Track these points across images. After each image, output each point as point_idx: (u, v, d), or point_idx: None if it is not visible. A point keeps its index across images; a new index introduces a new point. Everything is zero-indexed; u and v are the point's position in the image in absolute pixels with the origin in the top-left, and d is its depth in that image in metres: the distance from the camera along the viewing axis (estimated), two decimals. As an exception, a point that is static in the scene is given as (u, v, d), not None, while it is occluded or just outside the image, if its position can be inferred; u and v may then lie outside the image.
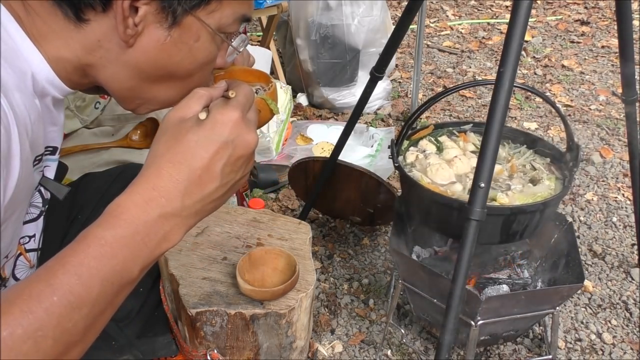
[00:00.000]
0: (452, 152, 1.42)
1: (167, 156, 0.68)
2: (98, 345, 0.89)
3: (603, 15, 3.68)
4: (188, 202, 0.68)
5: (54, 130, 0.85)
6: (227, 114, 0.69)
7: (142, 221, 0.65)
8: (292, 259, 1.19)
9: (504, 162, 1.41)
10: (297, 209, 1.99)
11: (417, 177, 1.35)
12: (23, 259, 0.93)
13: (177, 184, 0.67)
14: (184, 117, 0.70)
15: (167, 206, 0.66)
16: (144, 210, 0.65)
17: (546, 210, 1.25)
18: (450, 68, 3.04)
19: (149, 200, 0.66)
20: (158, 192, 0.66)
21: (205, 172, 0.68)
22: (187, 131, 0.68)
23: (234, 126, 0.69)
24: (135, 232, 0.65)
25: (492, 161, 1.01)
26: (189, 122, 0.69)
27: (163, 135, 0.70)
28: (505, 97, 1.00)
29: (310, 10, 2.40)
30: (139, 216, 0.65)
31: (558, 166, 1.38)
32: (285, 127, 2.31)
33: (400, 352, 1.48)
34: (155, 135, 0.72)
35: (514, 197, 1.29)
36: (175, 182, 0.67)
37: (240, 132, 0.70)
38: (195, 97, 0.72)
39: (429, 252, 1.57)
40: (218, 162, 0.69)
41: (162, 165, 0.67)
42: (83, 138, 2.06)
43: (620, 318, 1.57)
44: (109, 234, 0.64)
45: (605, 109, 2.61)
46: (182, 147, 0.68)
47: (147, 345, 1.21)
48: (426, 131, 1.49)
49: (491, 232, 1.25)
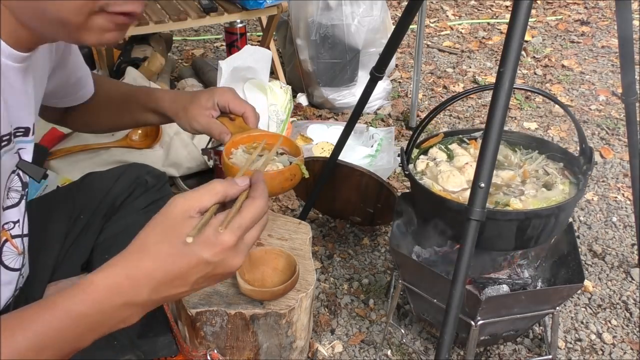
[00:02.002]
0: (463, 159, 1.41)
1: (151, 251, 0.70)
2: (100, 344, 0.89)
3: (603, 15, 3.68)
4: (154, 297, 0.71)
5: (20, 108, 0.84)
6: (221, 238, 0.69)
7: (108, 306, 0.69)
8: (292, 259, 1.19)
9: (516, 168, 1.40)
10: (297, 209, 1.99)
11: (428, 184, 1.34)
12: (10, 245, 0.93)
13: (149, 281, 0.70)
14: (189, 212, 0.70)
15: (134, 297, 0.70)
16: (112, 296, 0.69)
17: (561, 214, 1.24)
18: (450, 68, 3.04)
19: (120, 286, 0.69)
20: (130, 282, 0.69)
21: (178, 279, 0.70)
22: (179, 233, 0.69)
23: (222, 251, 0.70)
24: (99, 313, 0.69)
25: (492, 161, 1.01)
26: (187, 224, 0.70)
27: (160, 222, 0.71)
28: (505, 98, 1.00)
29: (310, 10, 2.40)
30: (106, 301, 0.69)
31: (571, 170, 1.37)
32: (285, 127, 2.31)
33: (400, 352, 1.48)
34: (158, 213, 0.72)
35: (528, 202, 1.28)
36: (149, 279, 0.70)
37: (225, 257, 0.71)
38: (211, 192, 0.72)
39: (429, 252, 1.57)
40: (194, 274, 0.71)
41: (143, 257, 0.70)
42: (83, 138, 2.06)
43: (620, 318, 1.57)
44: (74, 310, 0.68)
45: (605, 109, 2.61)
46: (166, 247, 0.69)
47: (148, 345, 1.21)
48: (436, 139, 1.49)
49: (506, 238, 1.24)
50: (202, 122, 1.14)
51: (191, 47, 3.32)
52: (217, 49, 3.30)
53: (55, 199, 1.26)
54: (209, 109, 1.14)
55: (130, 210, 1.25)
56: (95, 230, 1.22)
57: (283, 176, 1.06)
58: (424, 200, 1.35)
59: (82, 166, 1.95)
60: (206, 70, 2.55)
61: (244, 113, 1.15)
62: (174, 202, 0.71)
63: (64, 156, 2.01)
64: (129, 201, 1.26)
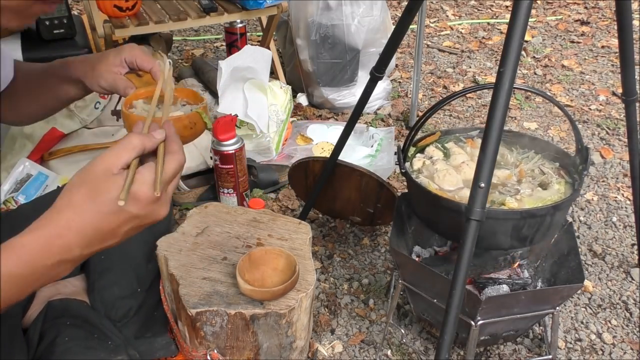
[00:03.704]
0: (460, 158, 1.41)
1: (80, 210, 0.71)
2: (93, 345, 0.90)
3: (603, 15, 3.68)
4: (86, 252, 0.73)
5: None
6: (146, 192, 0.72)
7: (41, 265, 0.71)
8: (292, 259, 1.19)
9: (512, 168, 1.40)
10: (297, 209, 1.99)
11: (424, 183, 1.34)
12: None
13: (80, 238, 0.72)
14: (111, 170, 0.72)
15: (66, 255, 0.72)
16: (44, 255, 0.71)
17: (556, 213, 1.24)
18: (450, 68, 3.04)
19: (51, 246, 0.71)
20: (61, 242, 0.71)
21: (109, 233, 0.73)
22: (106, 192, 0.71)
23: (148, 204, 0.73)
24: (32, 273, 0.71)
25: (492, 161, 1.01)
26: (111, 181, 0.72)
27: (85, 181, 0.73)
28: (505, 98, 1.00)
29: (310, 10, 2.40)
30: (39, 261, 0.71)
31: (567, 170, 1.38)
32: (285, 127, 2.31)
33: (400, 352, 1.48)
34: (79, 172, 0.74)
35: (524, 202, 1.28)
36: (81, 236, 0.72)
37: (153, 209, 0.74)
38: (128, 147, 0.74)
39: (429, 252, 1.57)
40: (124, 227, 0.74)
41: (73, 217, 0.71)
42: (83, 138, 2.06)
43: (620, 318, 1.57)
44: (8, 272, 0.69)
45: (605, 109, 2.61)
46: (95, 206, 0.71)
47: (146, 345, 1.21)
48: (433, 138, 1.49)
49: (501, 237, 1.24)
50: (109, 78, 1.12)
51: (191, 47, 3.32)
52: (217, 49, 3.30)
53: (53, 199, 1.26)
54: (117, 65, 1.12)
55: None
56: None
57: (181, 123, 0.99)
58: (421, 198, 1.36)
59: (82, 166, 1.95)
60: (206, 70, 2.54)
61: (151, 69, 1.12)
62: (95, 161, 0.74)
63: (64, 156, 2.01)
64: None
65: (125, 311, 1.23)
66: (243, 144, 1.86)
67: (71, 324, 1.13)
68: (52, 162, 2.00)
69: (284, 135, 2.30)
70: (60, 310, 1.17)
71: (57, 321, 1.13)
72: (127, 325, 1.22)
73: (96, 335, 1.13)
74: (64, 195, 0.73)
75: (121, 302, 1.24)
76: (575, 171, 1.35)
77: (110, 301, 1.23)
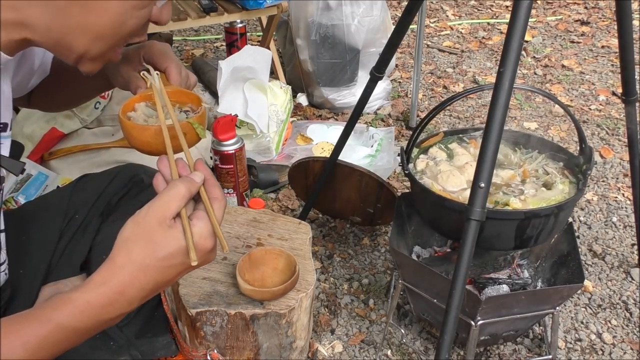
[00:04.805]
0: (463, 159, 1.41)
1: (143, 267, 0.73)
2: (96, 345, 0.91)
3: (603, 15, 3.68)
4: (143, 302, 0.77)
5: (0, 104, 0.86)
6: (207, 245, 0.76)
7: (103, 319, 0.74)
8: (292, 259, 1.19)
9: (516, 168, 1.40)
10: (297, 209, 1.99)
11: (427, 184, 1.34)
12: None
13: (143, 292, 0.74)
14: (165, 222, 0.74)
15: (127, 309, 0.75)
16: (108, 310, 0.74)
17: (560, 213, 1.24)
18: (450, 68, 3.04)
19: (115, 302, 0.73)
20: (124, 298, 0.74)
21: (167, 283, 0.77)
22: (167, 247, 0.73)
23: (206, 254, 0.77)
24: (94, 326, 0.74)
25: (492, 161, 1.01)
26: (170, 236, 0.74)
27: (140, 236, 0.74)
28: (505, 98, 1.00)
29: (310, 10, 2.40)
30: (101, 317, 0.74)
31: (571, 170, 1.38)
32: (285, 127, 2.31)
33: (400, 352, 1.48)
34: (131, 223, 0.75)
35: (528, 202, 1.28)
36: (143, 291, 0.74)
37: (209, 257, 0.78)
38: (177, 196, 0.75)
39: (429, 252, 1.57)
40: (180, 275, 0.77)
41: (136, 275, 0.73)
42: (83, 138, 2.06)
43: (620, 318, 1.57)
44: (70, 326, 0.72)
45: (605, 109, 2.61)
46: (159, 262, 0.74)
47: (147, 345, 1.21)
48: (436, 139, 1.49)
49: (505, 238, 1.24)
50: (125, 75, 1.08)
51: (191, 47, 3.32)
52: (217, 49, 3.30)
53: (51, 199, 1.26)
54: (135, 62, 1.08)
55: (127, 210, 1.25)
56: (92, 230, 1.22)
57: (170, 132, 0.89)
58: (424, 199, 1.35)
59: (82, 166, 1.95)
60: (206, 70, 2.54)
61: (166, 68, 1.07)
62: (146, 213, 0.75)
63: (64, 156, 2.01)
64: (125, 200, 1.26)
65: (127, 311, 1.23)
66: (243, 144, 1.86)
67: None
68: (52, 162, 2.00)
69: (284, 135, 2.30)
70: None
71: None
72: (128, 325, 1.22)
73: (98, 336, 1.13)
74: (121, 251, 0.74)
75: None
76: (579, 171, 1.35)
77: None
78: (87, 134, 2.08)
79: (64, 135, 2.04)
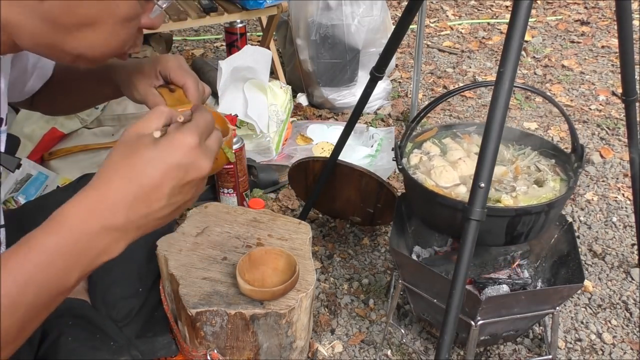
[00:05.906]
0: (456, 154, 1.41)
1: (118, 170, 0.68)
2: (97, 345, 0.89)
3: (603, 15, 3.68)
4: (132, 217, 0.68)
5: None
6: (184, 137, 0.69)
7: (84, 232, 0.66)
8: (292, 259, 1.19)
9: (508, 164, 1.40)
10: (297, 209, 1.99)
11: (421, 179, 1.34)
12: None
13: (124, 198, 0.67)
14: (142, 133, 0.70)
15: (111, 219, 0.67)
16: (86, 220, 0.66)
17: (551, 211, 1.25)
18: (450, 68, 3.04)
19: (93, 210, 0.66)
20: (104, 205, 0.67)
21: (153, 191, 0.68)
22: (142, 148, 0.69)
23: (189, 151, 0.69)
24: (75, 242, 0.66)
25: (492, 161, 1.01)
26: (145, 138, 0.69)
27: (119, 148, 0.71)
28: (505, 97, 1.00)
29: (310, 10, 2.40)
30: (81, 226, 0.66)
31: (563, 167, 1.38)
32: (285, 127, 2.31)
33: (400, 352, 1.48)
34: (114, 147, 0.72)
35: (519, 199, 1.29)
36: (123, 196, 0.67)
37: (195, 159, 0.70)
38: (156, 113, 0.72)
39: (429, 252, 1.57)
40: (167, 183, 0.69)
41: (113, 178, 0.68)
42: (83, 138, 2.07)
43: (620, 318, 1.57)
44: (50, 241, 0.65)
45: (605, 109, 2.61)
46: (134, 162, 0.68)
47: (147, 345, 1.21)
48: (430, 133, 1.49)
49: (496, 234, 1.24)
50: (141, 91, 1.06)
51: (191, 47, 3.32)
52: (217, 49, 3.30)
53: (52, 199, 1.26)
54: (151, 77, 1.07)
55: None
56: None
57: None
58: (417, 195, 1.36)
59: (82, 166, 1.96)
60: (206, 70, 2.54)
61: (184, 84, 1.07)
62: (126, 131, 0.71)
63: (64, 156, 2.01)
64: None
65: (127, 311, 1.23)
66: (243, 144, 1.86)
67: (74, 324, 1.13)
68: (52, 162, 2.00)
69: (284, 135, 2.30)
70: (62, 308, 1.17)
71: (59, 320, 1.13)
72: (129, 325, 1.22)
73: (98, 336, 1.13)
74: (103, 165, 0.70)
75: (123, 303, 1.24)
76: (571, 168, 1.35)
77: (112, 301, 1.23)
78: (87, 134, 2.08)
79: (64, 135, 2.04)
